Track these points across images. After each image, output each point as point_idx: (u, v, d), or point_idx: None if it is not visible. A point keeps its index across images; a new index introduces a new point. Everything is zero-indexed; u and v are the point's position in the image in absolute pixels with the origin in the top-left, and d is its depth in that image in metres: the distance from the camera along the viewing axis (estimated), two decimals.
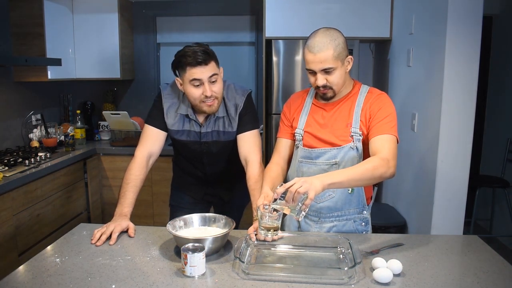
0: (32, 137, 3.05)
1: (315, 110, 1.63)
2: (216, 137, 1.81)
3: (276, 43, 3.05)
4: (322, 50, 1.45)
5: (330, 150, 1.55)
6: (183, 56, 1.61)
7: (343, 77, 1.52)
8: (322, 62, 1.46)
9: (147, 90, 3.73)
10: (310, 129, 1.60)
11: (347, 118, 1.55)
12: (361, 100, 1.56)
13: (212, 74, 1.62)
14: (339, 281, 1.20)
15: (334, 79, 1.50)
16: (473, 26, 2.23)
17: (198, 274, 1.24)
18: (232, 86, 1.81)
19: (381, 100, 1.54)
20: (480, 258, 1.36)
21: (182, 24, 3.67)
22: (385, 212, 2.95)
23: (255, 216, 1.57)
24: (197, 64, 1.59)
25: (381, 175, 1.38)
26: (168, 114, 1.78)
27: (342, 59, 1.49)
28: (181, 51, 1.63)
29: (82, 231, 1.59)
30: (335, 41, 1.46)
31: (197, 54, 1.58)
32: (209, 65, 1.61)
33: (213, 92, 1.65)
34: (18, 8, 2.83)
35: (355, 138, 1.53)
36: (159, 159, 1.85)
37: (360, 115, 1.53)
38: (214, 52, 1.67)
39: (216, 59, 1.67)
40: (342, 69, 1.51)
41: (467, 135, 2.31)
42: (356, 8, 3.03)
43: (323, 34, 1.48)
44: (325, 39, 1.46)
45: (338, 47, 1.46)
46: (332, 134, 1.56)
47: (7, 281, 1.21)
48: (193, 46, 1.62)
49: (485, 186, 3.41)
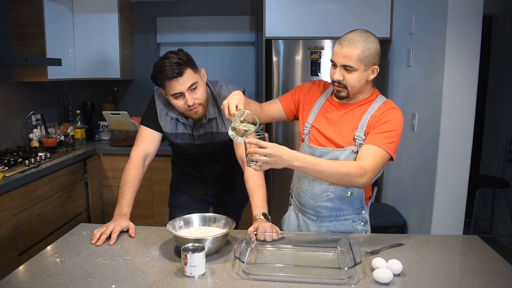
0: (32, 137, 3.05)
1: (327, 107, 1.60)
2: (210, 139, 1.80)
3: (276, 43, 3.05)
4: (350, 46, 1.43)
5: (332, 151, 1.54)
6: (158, 72, 1.60)
7: (361, 82, 1.48)
8: (345, 57, 1.44)
9: (147, 90, 3.69)
10: (318, 125, 1.59)
11: (355, 121, 1.53)
12: (374, 108, 1.53)
13: (190, 84, 1.61)
14: (339, 281, 1.21)
15: (351, 80, 1.46)
16: (473, 26, 2.23)
17: (198, 274, 1.24)
18: (224, 86, 1.80)
19: (391, 114, 1.49)
20: (480, 258, 1.36)
21: (182, 24, 3.67)
22: (385, 212, 2.95)
23: (254, 216, 1.58)
24: (173, 78, 1.58)
25: (351, 181, 1.39)
26: (161, 116, 1.78)
27: (366, 64, 1.45)
28: (157, 65, 1.62)
29: (82, 231, 1.59)
30: (367, 44, 1.43)
31: (172, 67, 1.57)
32: (185, 74, 1.59)
33: (195, 99, 1.65)
34: (18, 8, 2.83)
35: (357, 142, 1.51)
36: (159, 159, 1.85)
37: (368, 120, 1.51)
38: (190, 57, 1.65)
39: (193, 64, 1.64)
40: (363, 75, 1.47)
41: (467, 135, 2.31)
42: (356, 8, 3.03)
43: (358, 33, 1.46)
44: (358, 38, 1.43)
45: (367, 50, 1.43)
46: (338, 135, 1.54)
47: (7, 281, 1.21)
48: (168, 58, 1.59)
49: (485, 186, 3.42)
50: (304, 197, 1.63)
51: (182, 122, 1.78)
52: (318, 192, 1.58)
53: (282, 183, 3.12)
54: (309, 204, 1.62)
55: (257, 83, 3.67)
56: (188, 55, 1.65)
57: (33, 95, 3.16)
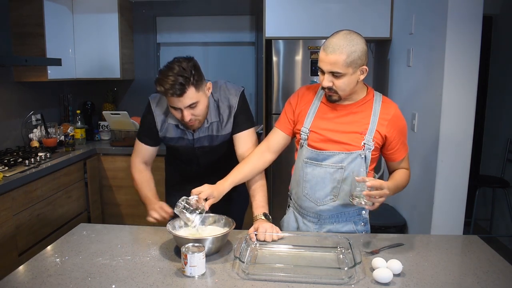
0: (32, 137, 3.05)
1: (324, 110, 1.57)
2: (209, 142, 1.77)
3: (276, 43, 3.05)
4: (335, 52, 1.40)
5: (338, 154, 1.52)
6: (160, 84, 1.53)
7: (351, 85, 1.46)
8: (331, 64, 1.42)
9: (147, 90, 3.70)
10: (318, 129, 1.55)
11: (362, 125, 1.51)
12: (377, 110, 1.52)
13: (190, 103, 1.55)
14: (339, 281, 1.21)
15: (340, 84, 1.45)
16: (473, 26, 2.23)
17: (198, 274, 1.24)
18: (224, 86, 1.75)
19: (399, 118, 1.55)
20: (480, 258, 1.36)
21: (182, 24, 3.67)
22: (385, 212, 2.95)
23: (255, 216, 1.58)
24: (173, 96, 1.53)
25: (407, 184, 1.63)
26: (162, 126, 1.75)
27: (354, 67, 1.42)
28: (161, 74, 1.53)
29: (82, 231, 1.59)
30: (352, 47, 1.40)
31: (174, 87, 1.50)
32: (186, 95, 1.52)
33: (192, 116, 1.60)
34: (18, 8, 2.83)
35: (366, 147, 1.50)
36: (159, 159, 1.86)
37: (377, 125, 1.51)
38: (198, 70, 1.56)
39: (198, 81, 1.55)
40: (353, 77, 1.44)
41: (467, 135, 2.31)
42: (356, 8, 3.03)
43: (342, 37, 1.42)
44: (342, 42, 1.40)
45: (353, 54, 1.40)
46: (343, 137, 1.52)
47: (7, 281, 1.21)
48: (173, 71, 1.51)
49: (485, 186, 3.42)
50: (305, 201, 1.61)
51: (182, 129, 1.74)
52: (321, 196, 1.56)
53: (282, 183, 3.12)
54: (310, 208, 1.60)
55: (257, 83, 3.67)
56: (196, 68, 1.56)
57: (33, 95, 3.16)
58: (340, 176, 1.52)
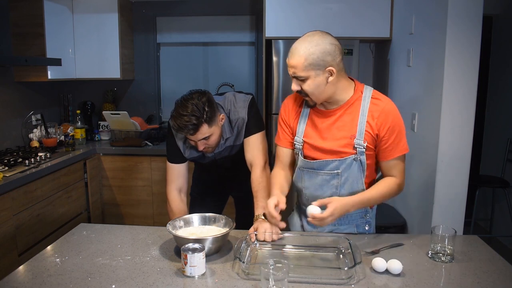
0: (32, 137, 3.05)
1: (313, 117, 1.54)
2: (229, 152, 1.84)
3: (276, 43, 3.05)
4: (294, 56, 1.38)
5: (332, 161, 1.49)
6: (176, 123, 1.57)
7: (320, 88, 1.41)
8: (292, 68, 1.40)
9: (147, 90, 3.73)
10: (309, 139, 1.53)
11: (350, 128, 1.47)
12: (365, 109, 1.45)
13: (203, 137, 1.63)
14: (339, 281, 1.21)
15: (307, 88, 1.41)
16: (473, 26, 2.23)
17: (198, 274, 1.24)
18: (233, 100, 1.78)
19: (388, 116, 1.44)
20: (480, 258, 1.36)
21: (182, 24, 3.67)
22: (385, 212, 2.95)
23: (256, 216, 1.58)
24: (187, 134, 1.62)
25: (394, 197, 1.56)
26: (184, 149, 1.80)
27: (317, 69, 1.37)
28: (175, 112, 1.58)
29: (82, 231, 1.60)
30: (309, 49, 1.36)
31: (188, 127, 1.56)
32: (199, 132, 1.60)
33: (205, 145, 1.68)
34: (18, 8, 2.83)
35: (358, 150, 1.46)
36: (159, 159, 1.86)
37: (365, 126, 1.45)
38: (211, 105, 1.60)
39: (211, 117, 1.60)
40: (318, 80, 1.39)
41: (467, 135, 2.31)
42: (356, 8, 3.03)
43: (302, 40, 1.40)
44: (302, 46, 1.37)
45: (311, 56, 1.35)
46: (334, 145, 1.49)
47: (7, 281, 1.21)
48: (187, 110, 1.55)
49: (485, 186, 3.41)
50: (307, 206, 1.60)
51: None
52: None
53: None
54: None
55: (257, 83, 3.67)
56: (209, 103, 1.60)
57: (33, 95, 3.16)
58: (337, 182, 1.51)
